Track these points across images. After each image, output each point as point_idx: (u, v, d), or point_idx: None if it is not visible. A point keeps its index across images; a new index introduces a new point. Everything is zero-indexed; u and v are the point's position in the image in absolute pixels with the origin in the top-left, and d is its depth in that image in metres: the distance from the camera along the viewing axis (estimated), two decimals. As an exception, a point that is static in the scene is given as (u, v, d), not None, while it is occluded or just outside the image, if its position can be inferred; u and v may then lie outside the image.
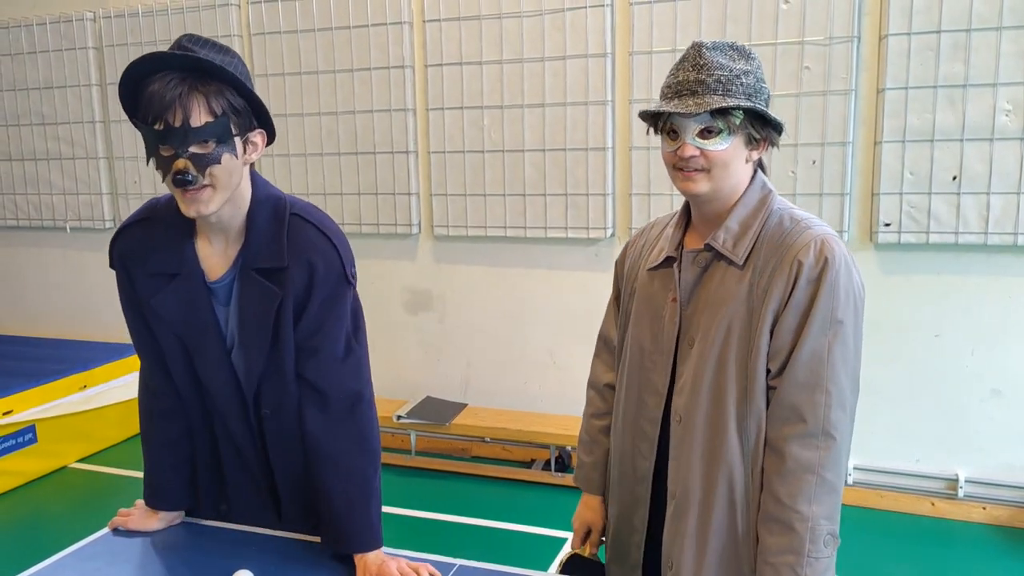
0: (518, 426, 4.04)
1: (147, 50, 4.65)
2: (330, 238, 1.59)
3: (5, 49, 5.06)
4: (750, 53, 1.43)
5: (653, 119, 1.47)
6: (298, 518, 1.77)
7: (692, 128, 1.39)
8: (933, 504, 3.63)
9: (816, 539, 1.37)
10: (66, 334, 5.33)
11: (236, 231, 1.58)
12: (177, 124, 1.40)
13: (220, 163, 1.44)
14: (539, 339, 4.24)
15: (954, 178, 3.39)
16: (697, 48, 1.40)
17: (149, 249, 1.60)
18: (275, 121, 4.59)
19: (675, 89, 1.40)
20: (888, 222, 3.50)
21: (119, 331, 5.14)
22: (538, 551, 3.38)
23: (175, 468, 1.77)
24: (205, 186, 1.45)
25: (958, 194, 3.39)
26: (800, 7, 3.50)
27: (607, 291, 4.00)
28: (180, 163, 1.41)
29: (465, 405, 4.33)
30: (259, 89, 4.42)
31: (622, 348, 1.65)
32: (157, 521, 1.79)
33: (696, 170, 1.41)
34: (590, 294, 4.08)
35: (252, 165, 1.58)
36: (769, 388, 1.42)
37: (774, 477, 1.40)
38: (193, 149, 1.42)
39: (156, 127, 1.41)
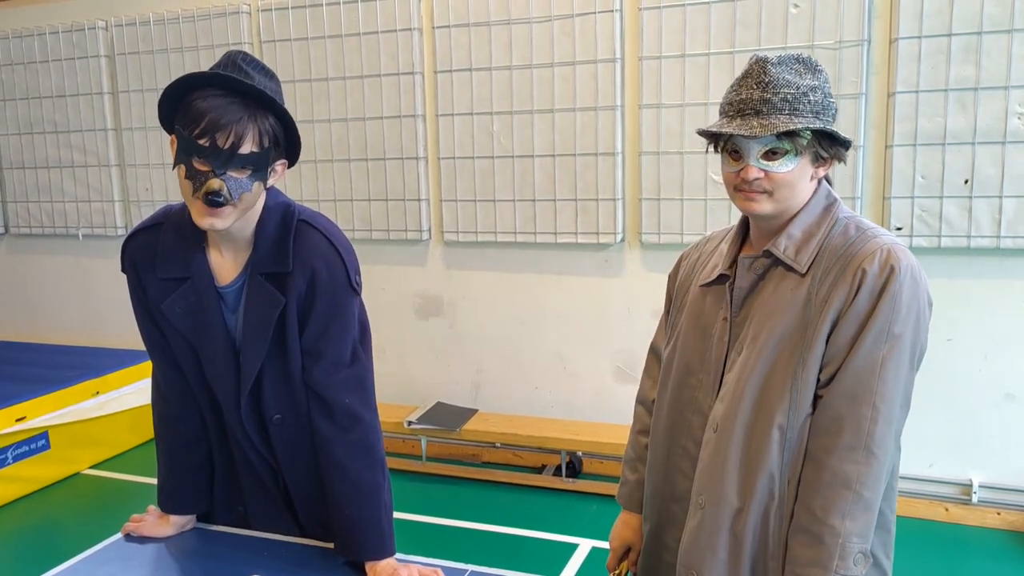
0: (529, 431, 4.03)
1: (159, 58, 4.71)
2: (335, 244, 1.61)
3: (18, 58, 5.10)
4: (817, 66, 1.37)
5: (713, 137, 1.41)
6: (314, 523, 1.77)
7: (756, 150, 1.34)
8: (947, 510, 3.60)
9: (846, 556, 1.32)
10: (78, 341, 5.36)
11: (245, 241, 1.61)
12: (225, 146, 1.43)
13: (251, 191, 1.48)
14: (549, 344, 4.24)
15: (966, 182, 3.37)
16: (762, 64, 1.35)
17: (160, 254, 1.63)
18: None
19: (738, 107, 1.35)
20: (900, 226, 3.48)
21: (131, 338, 5.16)
22: (549, 557, 3.37)
23: (188, 472, 1.77)
24: (229, 205, 1.48)
25: (970, 198, 3.37)
26: (810, 11, 3.50)
27: (617, 296, 4.03)
28: (216, 183, 1.44)
29: (476, 411, 4.33)
30: (270, 96, 4.45)
31: (668, 363, 1.60)
32: (169, 527, 1.80)
33: (760, 192, 1.36)
34: (600, 299, 4.08)
35: None
36: (817, 397, 1.37)
37: (810, 488, 1.35)
38: (231, 173, 1.45)
39: (201, 142, 1.43)
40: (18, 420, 4.05)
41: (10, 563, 3.42)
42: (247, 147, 1.44)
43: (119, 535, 1.81)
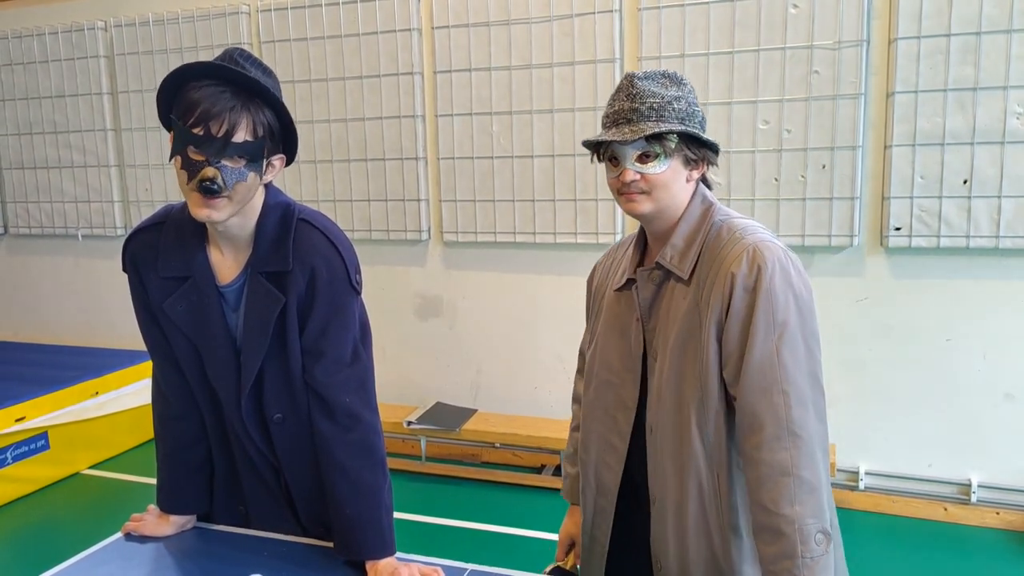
0: (528, 431, 4.04)
1: (158, 58, 4.71)
2: (335, 243, 1.61)
3: (18, 58, 5.10)
4: (681, 80, 1.50)
5: (595, 148, 1.53)
6: (315, 522, 1.77)
7: (631, 154, 1.46)
8: (946, 509, 3.60)
9: (807, 539, 1.38)
10: (78, 341, 5.36)
11: (245, 240, 1.61)
12: (219, 135, 1.43)
13: (246, 181, 1.49)
14: (549, 344, 4.24)
15: (965, 182, 3.38)
16: (629, 79, 1.48)
17: (161, 253, 1.64)
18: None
19: (612, 119, 1.48)
20: (899, 226, 3.49)
21: (131, 338, 5.16)
22: (548, 556, 3.37)
23: (188, 472, 1.77)
24: (224, 196, 1.48)
25: (969, 198, 3.38)
26: (809, 11, 3.50)
27: (617, 296, 4.02)
28: (210, 171, 1.44)
29: (475, 411, 4.33)
30: (269, 96, 4.45)
31: (590, 363, 1.70)
32: (169, 526, 1.79)
33: (639, 192, 1.48)
34: (600, 299, 4.07)
35: None
36: (728, 396, 1.46)
37: (754, 485, 1.42)
38: (225, 162, 1.45)
39: (195, 131, 1.44)
40: (18, 420, 4.05)
41: (10, 563, 3.42)
42: (241, 135, 1.45)
43: (119, 535, 1.81)
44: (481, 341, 4.38)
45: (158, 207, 4.91)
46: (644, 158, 1.46)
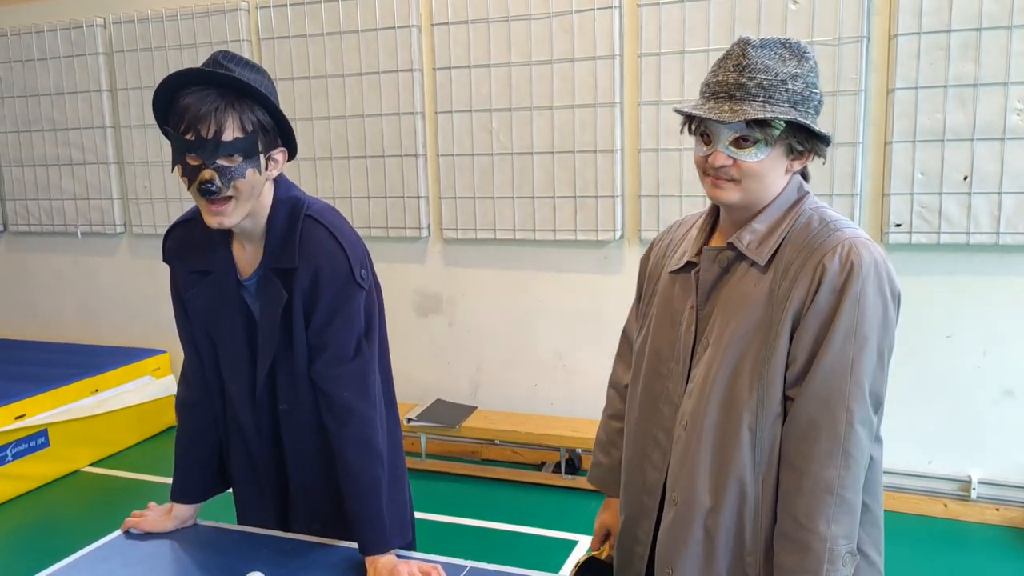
0: (528, 429, 4.04)
1: (157, 55, 4.70)
2: (339, 240, 1.64)
3: (16, 55, 5.09)
4: (804, 52, 1.30)
5: (687, 119, 1.36)
6: (312, 518, 1.78)
7: (726, 136, 1.29)
8: (946, 506, 3.61)
9: (835, 559, 1.30)
10: (78, 339, 5.36)
11: (260, 235, 1.66)
12: (209, 136, 1.47)
13: (244, 177, 1.52)
14: (548, 341, 4.24)
15: (965, 178, 3.37)
16: (743, 45, 1.29)
17: (190, 247, 1.71)
18: (284, 125, 4.59)
19: (713, 89, 1.30)
20: (899, 222, 3.49)
21: (131, 335, 5.16)
22: (548, 553, 3.38)
23: (201, 460, 1.82)
24: (228, 198, 1.52)
25: (969, 194, 3.37)
26: (809, 7, 3.50)
27: (616, 293, 4.03)
28: (207, 173, 1.49)
29: (475, 408, 4.33)
30: (268, 93, 4.44)
31: (640, 351, 1.57)
32: (170, 521, 1.81)
33: (728, 179, 1.32)
34: (599, 296, 4.07)
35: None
36: (787, 398, 1.34)
37: (791, 495, 1.33)
38: (220, 162, 1.49)
39: (187, 137, 1.48)
40: (17, 418, 4.04)
41: (10, 561, 3.42)
42: (230, 133, 1.48)
43: (119, 532, 1.81)
44: (481, 338, 4.38)
45: (157, 204, 4.92)
46: (741, 142, 1.28)
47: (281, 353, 1.67)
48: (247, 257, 1.68)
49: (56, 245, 5.34)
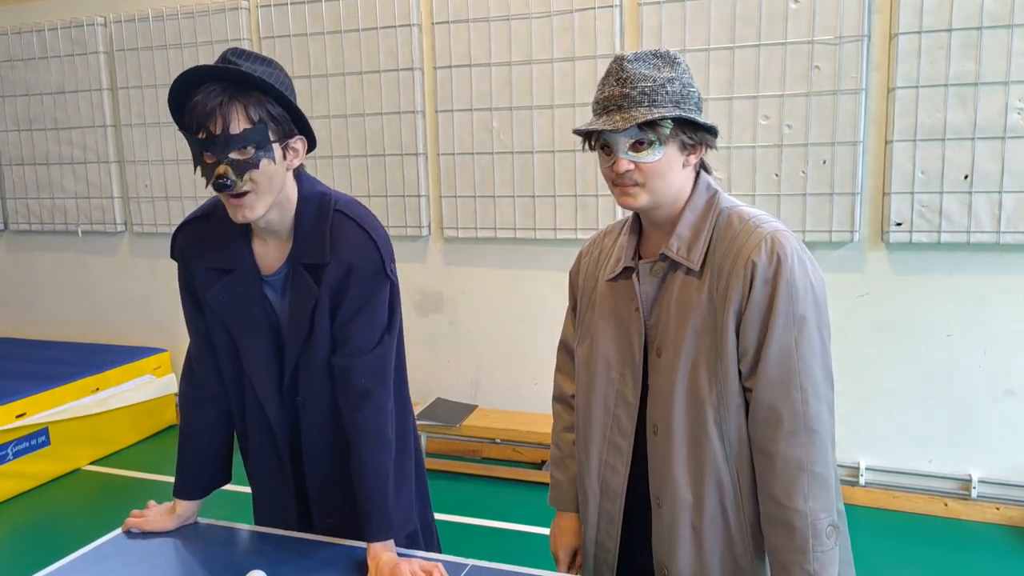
0: (528, 427, 4.04)
1: (158, 54, 4.71)
2: (370, 234, 1.65)
3: (17, 54, 5.09)
4: (675, 59, 1.42)
5: (586, 136, 1.46)
6: (326, 514, 1.78)
7: (623, 143, 1.39)
8: (946, 505, 3.61)
9: (818, 533, 1.39)
10: (78, 337, 5.36)
11: (286, 231, 1.66)
12: (217, 132, 1.47)
13: (259, 168, 1.51)
14: (549, 340, 4.24)
15: (966, 177, 3.37)
16: (619, 62, 1.41)
17: (207, 245, 1.70)
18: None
19: (603, 105, 1.41)
20: (900, 221, 3.48)
21: (131, 334, 5.16)
22: (549, 552, 3.38)
23: (206, 456, 1.82)
24: (246, 192, 1.52)
25: (970, 193, 3.37)
26: (810, 6, 3.49)
27: (617, 292, 4.02)
28: (220, 168, 1.49)
29: (475, 407, 4.33)
30: (269, 92, 4.44)
31: (585, 360, 1.62)
32: (171, 520, 1.81)
33: (633, 184, 1.41)
34: (600, 295, 4.07)
35: (300, 166, 1.66)
36: (745, 390, 1.43)
37: (767, 478, 1.41)
38: (233, 155, 1.49)
39: (199, 136, 1.49)
40: (18, 416, 4.05)
41: (10, 559, 3.43)
42: (237, 126, 1.48)
43: (119, 531, 1.81)
44: (481, 337, 4.38)
45: (158, 203, 4.93)
46: (638, 145, 1.39)
47: (304, 347, 1.68)
48: (271, 253, 1.68)
49: (57, 244, 5.34)
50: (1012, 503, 3.53)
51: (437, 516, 3.70)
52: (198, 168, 1.54)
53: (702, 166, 1.50)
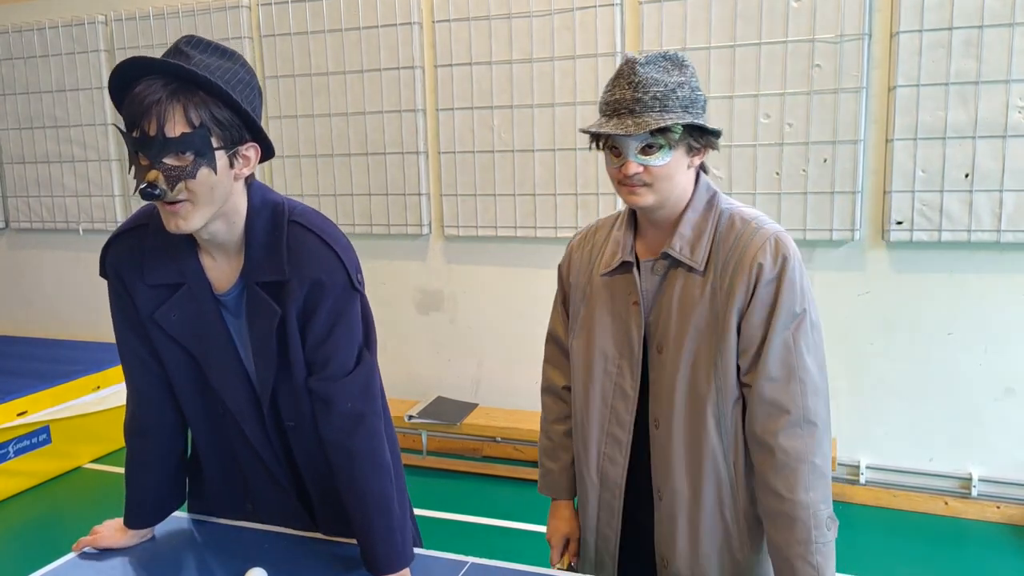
0: (529, 426, 4.04)
1: (158, 52, 4.69)
2: (332, 247, 1.50)
3: (18, 53, 5.09)
4: (683, 62, 1.44)
5: (595, 136, 1.48)
6: (333, 520, 1.72)
7: (633, 146, 1.41)
8: (947, 503, 3.61)
9: (819, 525, 1.42)
10: (79, 335, 5.36)
11: (235, 245, 1.49)
12: (152, 133, 1.30)
13: (195, 178, 1.33)
14: (550, 339, 4.24)
15: (966, 176, 3.37)
16: (631, 65, 1.42)
17: (147, 259, 1.51)
18: (285, 123, 4.58)
19: (613, 107, 1.42)
20: (900, 220, 3.48)
21: (132, 332, 5.16)
22: (549, 550, 3.37)
23: (158, 484, 1.73)
24: (183, 200, 1.35)
25: (970, 192, 3.37)
26: (811, 5, 3.49)
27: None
28: (151, 174, 1.32)
29: (476, 405, 4.33)
30: (269, 91, 4.44)
31: (581, 353, 1.63)
32: (128, 538, 1.75)
33: (640, 184, 1.44)
34: (601, 294, 4.07)
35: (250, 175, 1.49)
36: (743, 385, 1.47)
37: (768, 472, 1.44)
38: (168, 161, 1.32)
39: (133, 134, 1.33)
40: (19, 415, 4.05)
41: (11, 557, 3.43)
42: (174, 129, 1.30)
43: (72, 555, 1.75)
44: (482, 335, 4.38)
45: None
46: (647, 149, 1.41)
47: (281, 369, 1.53)
48: (220, 268, 1.50)
49: (57, 242, 5.34)
50: (1012, 502, 3.53)
51: (437, 514, 3.70)
52: (132, 169, 1.36)
53: (701, 167, 1.54)
